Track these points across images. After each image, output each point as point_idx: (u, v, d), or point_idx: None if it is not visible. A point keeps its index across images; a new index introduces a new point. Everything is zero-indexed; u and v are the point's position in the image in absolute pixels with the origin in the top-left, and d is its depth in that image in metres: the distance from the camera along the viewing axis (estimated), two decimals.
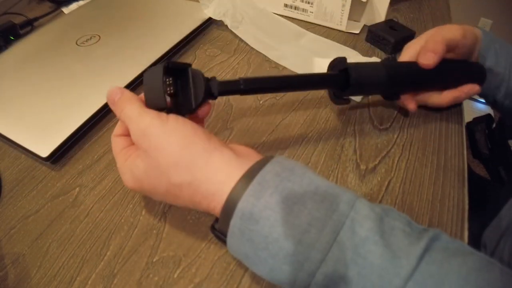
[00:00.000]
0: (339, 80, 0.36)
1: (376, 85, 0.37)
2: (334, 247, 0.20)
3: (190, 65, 0.28)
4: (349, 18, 0.57)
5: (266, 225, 0.21)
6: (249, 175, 0.23)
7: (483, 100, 0.50)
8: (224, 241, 0.24)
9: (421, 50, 0.37)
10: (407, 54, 0.40)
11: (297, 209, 0.21)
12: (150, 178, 0.25)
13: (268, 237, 0.21)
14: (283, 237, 0.21)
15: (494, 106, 0.47)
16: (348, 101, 0.38)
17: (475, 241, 0.44)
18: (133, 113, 0.26)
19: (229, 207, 0.22)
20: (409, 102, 0.40)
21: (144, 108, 0.26)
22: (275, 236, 0.21)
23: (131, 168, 0.26)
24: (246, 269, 0.30)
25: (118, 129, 0.29)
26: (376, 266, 0.20)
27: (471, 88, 0.40)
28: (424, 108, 0.43)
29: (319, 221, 0.21)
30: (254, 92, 0.33)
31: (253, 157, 0.26)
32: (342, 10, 0.56)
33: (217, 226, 0.24)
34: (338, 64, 0.37)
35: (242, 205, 0.22)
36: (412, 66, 0.39)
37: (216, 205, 0.23)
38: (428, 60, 0.36)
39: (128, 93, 0.28)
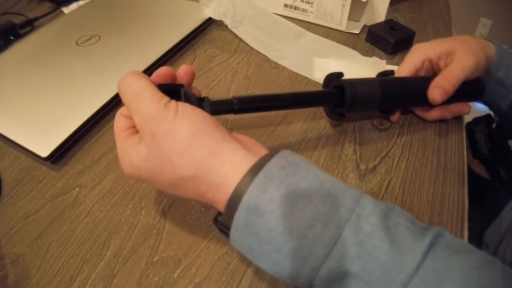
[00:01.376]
0: (335, 98, 0.36)
1: (371, 103, 0.37)
2: (339, 242, 0.20)
3: (182, 85, 0.28)
4: (349, 18, 0.57)
5: (271, 219, 0.21)
6: (255, 169, 0.23)
7: None
8: (226, 234, 0.23)
9: (433, 83, 0.37)
10: (411, 61, 0.40)
11: (303, 203, 0.21)
12: (151, 166, 0.24)
13: (273, 231, 0.21)
14: (288, 231, 0.21)
15: (497, 114, 0.47)
16: (344, 116, 0.37)
17: (476, 241, 0.44)
18: (145, 92, 0.24)
19: (234, 200, 0.22)
20: (394, 115, 0.41)
21: (154, 88, 0.25)
22: (280, 230, 0.21)
23: (130, 152, 0.25)
24: (246, 269, 0.30)
25: (125, 108, 0.28)
26: (381, 261, 0.20)
27: (460, 108, 0.40)
28: None
29: (324, 215, 0.21)
30: (248, 111, 0.32)
31: (259, 150, 0.26)
32: (342, 10, 0.56)
33: (221, 219, 0.24)
34: (334, 80, 0.37)
35: (248, 198, 0.22)
36: (408, 84, 0.38)
37: (221, 197, 0.23)
38: (437, 97, 0.36)
39: (137, 71, 0.26)
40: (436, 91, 0.36)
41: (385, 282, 0.20)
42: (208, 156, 0.23)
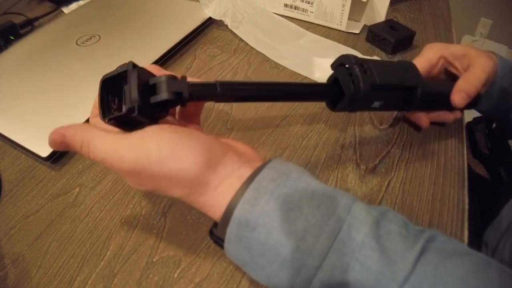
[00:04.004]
0: (331, 94, 0.31)
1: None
2: (331, 254, 0.20)
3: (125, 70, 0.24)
4: (349, 18, 0.57)
5: (262, 232, 0.21)
6: (247, 182, 0.22)
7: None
8: (222, 246, 0.23)
9: (456, 87, 0.36)
10: (427, 56, 0.39)
11: (294, 215, 0.21)
12: (148, 187, 0.24)
13: (264, 244, 0.21)
14: (280, 244, 0.21)
15: (504, 125, 0.47)
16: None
17: (476, 240, 0.44)
18: (107, 148, 0.23)
19: (227, 214, 0.22)
20: (422, 119, 0.38)
21: (116, 139, 0.23)
22: (271, 243, 0.21)
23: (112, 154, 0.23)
24: None
25: (95, 110, 0.26)
26: (373, 271, 0.20)
27: (444, 116, 0.39)
28: None
29: (315, 227, 0.21)
30: (231, 100, 0.28)
31: (254, 162, 0.25)
32: (342, 10, 0.56)
33: (215, 231, 0.24)
34: (339, 70, 0.31)
35: (238, 213, 0.22)
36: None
37: (213, 214, 0.23)
38: (460, 102, 0.35)
39: (83, 126, 0.24)
40: (460, 96, 0.35)
41: None
42: (203, 183, 0.23)
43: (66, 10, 0.67)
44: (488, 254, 0.41)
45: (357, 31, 0.57)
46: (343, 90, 0.30)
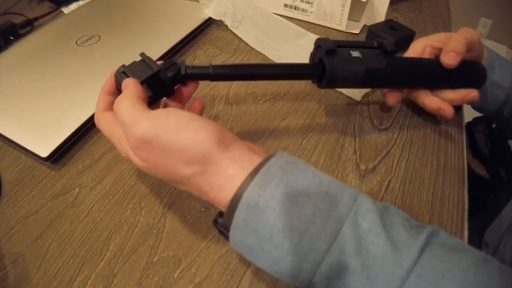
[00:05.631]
0: (316, 73, 0.34)
1: (354, 82, 0.35)
2: (339, 238, 0.21)
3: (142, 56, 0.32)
4: (349, 18, 0.57)
5: (271, 216, 0.21)
6: (256, 169, 0.23)
7: None
8: (225, 235, 0.24)
9: (443, 50, 0.36)
10: (413, 49, 0.40)
11: (302, 200, 0.22)
12: (156, 166, 0.25)
13: (273, 228, 0.21)
14: (289, 227, 0.21)
15: (499, 120, 0.47)
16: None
17: (476, 240, 0.44)
18: (128, 113, 0.24)
19: (235, 199, 0.22)
20: (445, 107, 0.37)
21: (139, 106, 0.25)
22: (280, 226, 0.21)
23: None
24: (246, 269, 0.30)
25: (102, 103, 0.29)
26: (379, 257, 0.20)
27: (468, 92, 0.37)
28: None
29: (324, 212, 0.21)
30: (223, 79, 0.33)
31: (263, 153, 0.26)
32: (342, 10, 0.56)
33: (221, 220, 0.24)
34: (319, 50, 0.34)
35: (248, 196, 0.22)
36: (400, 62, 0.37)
37: (222, 198, 0.23)
38: (451, 60, 0.35)
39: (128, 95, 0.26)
40: (448, 55, 0.36)
41: (384, 277, 0.20)
42: (215, 160, 0.23)
43: (66, 10, 0.67)
44: (489, 254, 0.41)
45: (357, 31, 0.57)
46: (325, 68, 0.33)
